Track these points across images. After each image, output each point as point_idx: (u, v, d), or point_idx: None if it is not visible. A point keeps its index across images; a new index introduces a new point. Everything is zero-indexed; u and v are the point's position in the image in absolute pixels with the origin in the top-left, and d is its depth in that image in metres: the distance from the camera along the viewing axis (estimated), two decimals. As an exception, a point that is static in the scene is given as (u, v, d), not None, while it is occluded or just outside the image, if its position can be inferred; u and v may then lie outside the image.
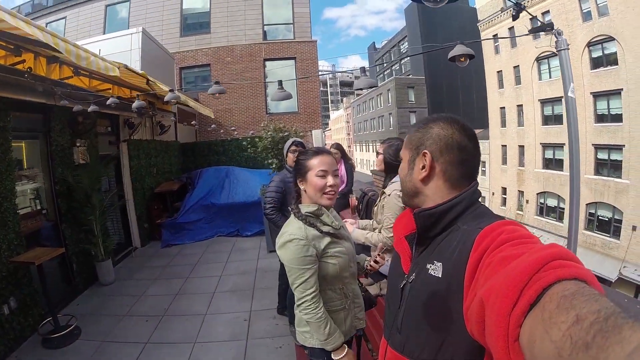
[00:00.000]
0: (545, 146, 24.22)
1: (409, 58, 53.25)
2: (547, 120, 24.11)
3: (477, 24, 30.85)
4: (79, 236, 6.50)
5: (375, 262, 2.26)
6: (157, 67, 11.57)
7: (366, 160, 61.02)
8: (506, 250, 0.86)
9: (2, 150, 4.99)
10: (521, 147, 26.27)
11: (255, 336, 4.78)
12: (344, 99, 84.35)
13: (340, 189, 5.75)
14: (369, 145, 57.67)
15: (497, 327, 0.68)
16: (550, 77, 23.39)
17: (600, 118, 20.07)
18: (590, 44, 20.11)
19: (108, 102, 5.89)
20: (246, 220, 9.77)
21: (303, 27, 17.18)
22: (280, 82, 4.69)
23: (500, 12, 27.74)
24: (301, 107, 16.47)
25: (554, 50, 2.66)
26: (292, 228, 2.02)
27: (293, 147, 4.41)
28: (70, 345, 4.74)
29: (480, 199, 1.23)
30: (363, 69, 3.99)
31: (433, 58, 45.38)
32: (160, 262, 7.96)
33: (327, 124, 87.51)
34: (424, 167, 1.24)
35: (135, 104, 5.46)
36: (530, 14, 2.67)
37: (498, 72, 28.36)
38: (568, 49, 2.57)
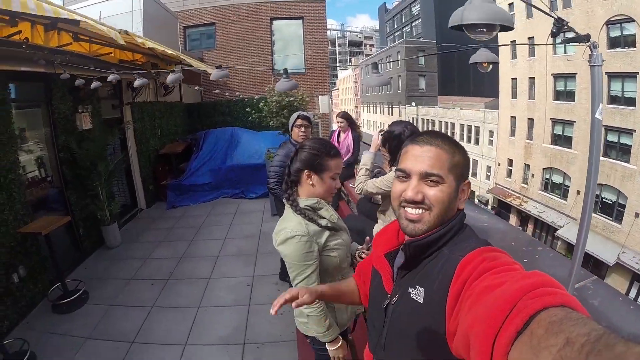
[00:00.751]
0: (555, 122, 23.56)
1: (419, 21, 51.94)
2: (558, 95, 23.32)
3: None
4: (85, 201, 6.61)
5: (360, 257, 2.23)
6: (160, 27, 11.40)
7: (373, 121, 60.45)
8: (488, 279, 0.86)
9: (3, 122, 4.99)
10: (530, 120, 25.56)
11: (258, 302, 4.95)
12: (353, 58, 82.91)
13: (345, 158, 5.74)
14: (376, 106, 56.93)
15: (483, 356, 0.68)
16: (565, 52, 22.44)
17: (613, 99, 19.33)
18: (608, 23, 19.14)
19: (109, 78, 5.93)
20: (251, 183, 9.87)
21: (312, -14, 16.60)
22: (375, 65, 4.28)
23: None
24: (309, 69, 16.15)
25: (588, 64, 2.47)
26: (292, 224, 1.97)
27: (299, 121, 4.26)
28: (79, 310, 4.94)
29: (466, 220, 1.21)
30: (375, 65, 3.90)
31: (445, 22, 44.17)
32: (165, 224, 8.15)
33: (335, 83, 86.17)
34: (463, 194, 1.20)
35: (137, 82, 5.54)
36: (574, 31, 2.46)
37: (512, 41, 27.47)
38: (602, 64, 2.40)
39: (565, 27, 2.35)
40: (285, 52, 16.71)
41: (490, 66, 3.29)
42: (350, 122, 6.29)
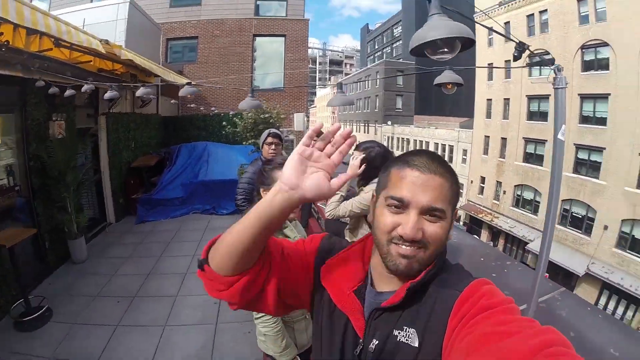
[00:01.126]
0: (527, 141, 24.71)
1: (400, 42, 53.20)
2: (532, 115, 24.55)
3: (474, 15, 30.69)
4: (52, 212, 6.42)
5: None
6: (142, 38, 11.36)
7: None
8: (491, 323, 0.82)
9: None
10: (504, 139, 26.75)
11: (225, 320, 4.89)
12: (332, 77, 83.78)
13: None
14: (352, 124, 57.64)
15: None
16: (540, 74, 23.56)
17: (585, 119, 20.60)
18: (584, 47, 20.43)
19: (83, 88, 6.00)
20: (222, 199, 9.80)
21: (296, 5, 16.88)
22: (340, 85, 4.20)
23: (497, 5, 27.59)
24: (288, 86, 16.28)
25: (551, 85, 2.56)
26: None
27: (269, 139, 4.20)
28: (42, 328, 4.75)
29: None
30: (340, 85, 3.96)
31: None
32: (133, 239, 7.98)
33: (313, 101, 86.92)
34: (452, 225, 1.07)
35: (107, 94, 5.27)
36: (534, 53, 2.54)
37: (489, 64, 28.49)
38: (566, 87, 2.49)
39: (528, 51, 2.45)
40: (265, 69, 16.91)
41: (455, 88, 3.35)
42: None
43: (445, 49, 1.90)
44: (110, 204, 8.96)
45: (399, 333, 0.98)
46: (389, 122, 45.12)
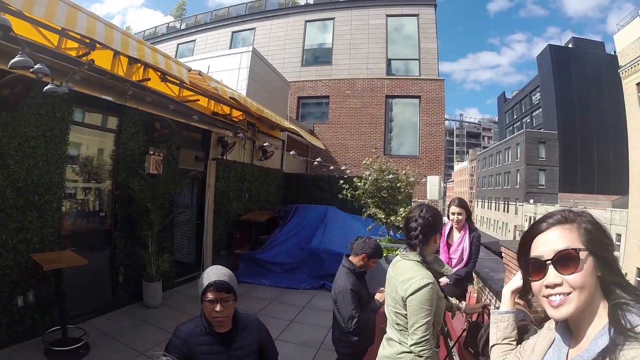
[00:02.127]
0: None
1: (540, 110, 49.41)
2: None
3: (618, 70, 26.95)
4: (133, 248, 5.94)
5: None
6: (267, 90, 11.16)
7: (487, 218, 56.68)
8: None
9: (58, 141, 4.77)
10: None
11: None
12: (470, 150, 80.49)
13: (455, 269, 4.12)
14: (491, 202, 53.42)
15: None
16: None
17: None
18: None
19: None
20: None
21: (429, 64, 15.98)
22: None
23: None
24: (423, 152, 15.04)
25: None
26: (424, 273, 2.25)
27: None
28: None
29: None
30: None
31: (567, 111, 41.39)
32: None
33: (450, 175, 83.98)
34: None
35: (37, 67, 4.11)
36: None
37: None
38: None
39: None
40: (399, 132, 15.91)
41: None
42: (468, 215, 4.47)
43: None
44: (209, 253, 8.29)
45: None
46: (531, 201, 40.69)
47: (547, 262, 1.07)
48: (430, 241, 2.34)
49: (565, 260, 1.05)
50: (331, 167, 13.93)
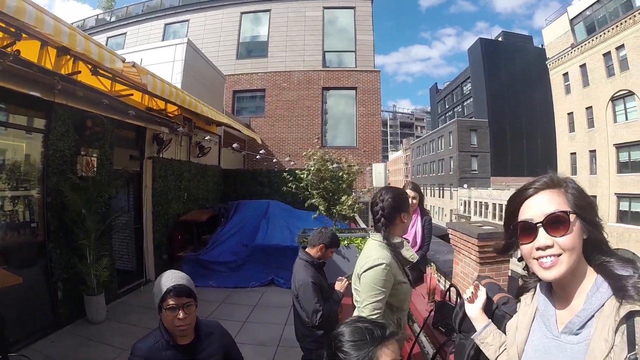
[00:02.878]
0: (620, 197, 22.28)
1: (471, 100, 51.94)
2: (622, 167, 22.30)
3: (546, 62, 29.11)
4: (70, 260, 5.51)
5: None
6: (203, 83, 10.84)
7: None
8: None
9: None
10: (593, 197, 23.79)
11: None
12: (404, 140, 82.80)
13: None
14: (426, 189, 55.29)
15: None
16: (626, 119, 21.63)
17: None
18: None
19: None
20: (284, 268, 8.02)
21: (365, 56, 16.27)
22: None
23: (570, 48, 25.92)
24: (360, 142, 15.28)
25: None
26: (382, 254, 2.21)
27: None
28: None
29: None
30: None
31: (497, 100, 44.00)
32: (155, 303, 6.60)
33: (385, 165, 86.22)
34: None
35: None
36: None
37: (569, 114, 26.29)
38: None
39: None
40: (336, 124, 15.97)
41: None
42: (420, 200, 4.56)
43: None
44: (150, 259, 7.92)
45: None
46: (465, 185, 42.90)
47: (538, 225, 1.11)
48: (396, 222, 2.32)
49: (555, 222, 1.09)
50: (274, 160, 13.87)
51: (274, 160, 13.88)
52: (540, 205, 1.13)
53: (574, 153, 26.05)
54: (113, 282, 6.45)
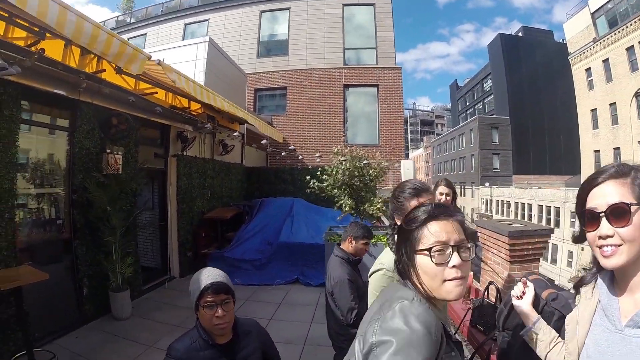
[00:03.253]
0: None
1: (492, 97, 51.00)
2: None
3: (568, 57, 28.26)
4: (96, 257, 5.49)
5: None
6: (224, 82, 10.78)
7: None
8: None
9: (5, 143, 4.25)
10: None
11: None
12: (425, 137, 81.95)
13: None
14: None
15: None
16: None
17: None
18: None
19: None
20: (309, 266, 8.03)
21: (386, 52, 15.99)
22: None
23: (592, 42, 25.14)
24: (383, 140, 15.06)
25: None
26: (387, 257, 1.97)
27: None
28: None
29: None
30: None
31: (518, 96, 43.02)
32: (189, 303, 6.49)
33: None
34: None
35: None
36: None
37: (592, 110, 25.51)
38: None
39: None
40: (358, 121, 15.78)
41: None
42: (454, 197, 4.24)
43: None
44: (175, 256, 7.90)
45: None
46: (487, 184, 41.95)
47: (601, 215, 1.12)
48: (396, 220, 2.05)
49: (617, 213, 1.10)
50: (299, 157, 13.76)
51: (299, 157, 13.75)
52: (604, 195, 1.14)
53: (598, 151, 25.28)
54: (138, 279, 6.43)
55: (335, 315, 3.16)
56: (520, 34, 50.16)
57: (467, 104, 62.55)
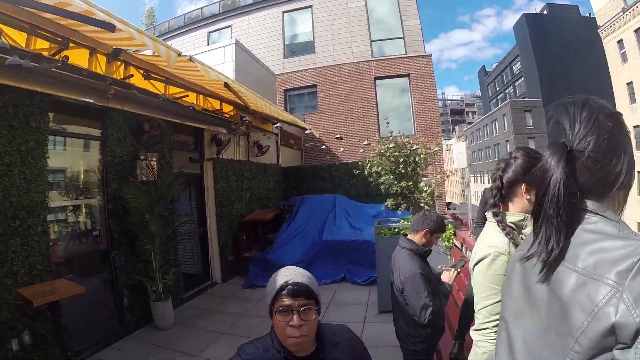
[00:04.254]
0: None
1: (522, 79, 49.14)
2: None
3: (598, 31, 26.66)
4: (135, 266, 5.25)
5: None
6: (254, 83, 10.49)
7: (479, 192, 56.40)
8: None
9: (35, 154, 4.06)
10: None
11: None
12: (456, 127, 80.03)
13: None
14: (483, 176, 52.87)
15: None
16: None
17: None
18: None
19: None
20: (355, 263, 7.57)
21: (414, 41, 15.36)
22: None
23: (621, 12, 23.56)
24: (419, 129, 14.41)
25: None
26: (497, 240, 1.65)
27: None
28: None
29: None
30: None
31: (549, 76, 41.15)
32: (237, 307, 6.27)
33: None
34: None
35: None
36: None
37: (628, 84, 23.95)
38: None
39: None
40: (391, 112, 15.24)
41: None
42: None
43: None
44: (216, 260, 7.63)
45: None
46: (524, 170, 40.29)
47: None
48: (512, 194, 1.72)
49: None
50: (341, 150, 13.34)
51: (342, 150, 13.36)
52: None
53: (638, 126, 23.75)
54: (179, 287, 6.20)
55: (405, 314, 2.73)
56: (545, 12, 47.96)
57: (497, 89, 60.45)
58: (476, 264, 1.68)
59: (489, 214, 1.80)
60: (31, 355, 3.81)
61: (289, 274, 1.46)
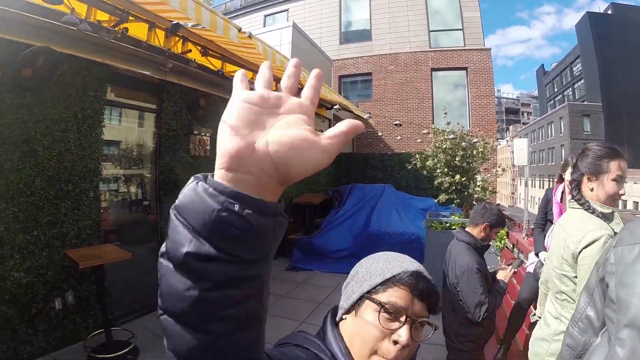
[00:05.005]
0: None
1: (582, 81, 46.26)
2: None
3: None
4: None
5: None
6: (310, 67, 9.90)
7: (531, 196, 53.84)
8: None
9: (91, 122, 4.07)
10: None
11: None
12: (510, 127, 77.14)
13: None
14: (535, 179, 50.41)
15: None
16: None
17: None
18: None
19: None
20: None
21: (474, 34, 14.54)
22: None
23: None
24: (474, 125, 13.62)
25: None
26: (602, 224, 1.64)
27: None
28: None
29: None
30: None
31: (610, 81, 38.36)
32: (279, 288, 6.09)
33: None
34: None
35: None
36: None
37: None
38: None
39: None
40: (446, 106, 14.68)
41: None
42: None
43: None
44: (263, 240, 7.37)
45: None
46: (577, 177, 38.01)
47: None
48: (593, 181, 1.77)
49: None
50: (398, 138, 12.97)
51: (399, 138, 12.97)
52: None
53: None
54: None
55: (457, 311, 2.52)
56: (609, 12, 44.59)
57: (556, 90, 57.26)
58: (585, 246, 1.61)
59: (572, 203, 1.83)
60: (73, 315, 3.92)
61: (415, 263, 1.01)
